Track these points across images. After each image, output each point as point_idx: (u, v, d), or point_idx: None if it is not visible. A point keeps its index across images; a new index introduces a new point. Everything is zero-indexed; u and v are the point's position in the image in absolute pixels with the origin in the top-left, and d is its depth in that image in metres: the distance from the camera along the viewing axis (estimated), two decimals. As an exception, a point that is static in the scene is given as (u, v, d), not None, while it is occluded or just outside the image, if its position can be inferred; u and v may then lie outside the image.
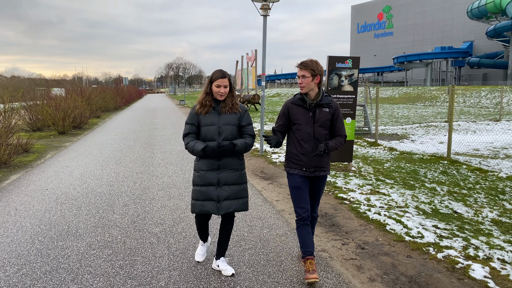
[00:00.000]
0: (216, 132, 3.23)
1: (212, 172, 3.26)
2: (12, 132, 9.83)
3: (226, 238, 3.45)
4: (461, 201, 5.59)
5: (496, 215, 4.99)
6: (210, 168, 3.26)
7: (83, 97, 19.92)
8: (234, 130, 3.28)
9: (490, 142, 11.50)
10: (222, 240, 3.46)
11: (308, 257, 3.34)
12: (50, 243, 4.13)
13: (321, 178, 3.46)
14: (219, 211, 3.26)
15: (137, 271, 3.51)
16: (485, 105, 28.56)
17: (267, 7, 9.08)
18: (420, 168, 7.85)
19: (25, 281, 3.33)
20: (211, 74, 3.28)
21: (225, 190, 3.27)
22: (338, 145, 3.35)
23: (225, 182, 3.27)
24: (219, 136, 3.23)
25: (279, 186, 6.63)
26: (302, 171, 3.36)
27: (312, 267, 3.27)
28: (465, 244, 4.09)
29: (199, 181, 3.29)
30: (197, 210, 3.30)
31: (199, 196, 3.28)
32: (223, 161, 3.26)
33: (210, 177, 3.26)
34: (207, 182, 3.26)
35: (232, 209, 3.30)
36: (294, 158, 3.38)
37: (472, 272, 3.49)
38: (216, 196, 3.26)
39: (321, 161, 3.38)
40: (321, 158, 3.35)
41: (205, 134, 3.26)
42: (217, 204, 3.27)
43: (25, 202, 5.62)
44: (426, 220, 4.78)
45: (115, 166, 8.12)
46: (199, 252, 3.70)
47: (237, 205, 3.33)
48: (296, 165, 3.38)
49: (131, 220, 4.84)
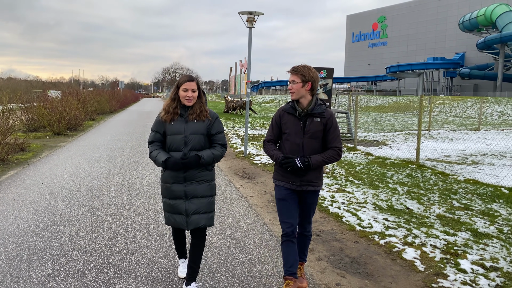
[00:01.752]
0: (182, 142, 3.01)
1: (178, 185, 3.05)
2: (9, 132, 10.38)
3: (197, 258, 3.13)
4: (416, 199, 6.23)
5: (442, 211, 5.62)
6: (176, 180, 3.05)
7: (78, 99, 20.46)
8: (202, 140, 3.06)
9: (463, 149, 12.20)
10: (192, 261, 3.12)
11: (287, 277, 3.10)
12: (45, 227, 4.70)
13: (311, 193, 3.20)
14: (187, 225, 3.06)
15: (119, 249, 4.10)
16: (470, 115, 29.41)
17: (252, 19, 9.75)
18: (389, 171, 8.50)
19: (23, 255, 3.90)
20: (178, 79, 3.13)
21: (194, 203, 3.05)
22: (329, 158, 3.08)
23: (193, 195, 3.05)
24: (185, 146, 3.01)
25: (256, 185, 7.24)
26: (288, 184, 3.15)
27: None
28: (406, 233, 4.71)
29: (166, 194, 3.12)
30: (171, 224, 3.14)
31: (169, 209, 3.12)
32: (189, 173, 3.03)
33: (176, 190, 3.06)
34: (174, 195, 3.07)
35: (202, 224, 3.08)
36: (282, 170, 3.18)
37: (404, 254, 4.11)
38: (184, 210, 3.05)
39: (309, 175, 3.12)
40: (307, 172, 3.11)
41: (170, 144, 3.06)
42: (186, 218, 3.06)
43: (22, 194, 6.18)
44: (379, 214, 5.41)
45: (106, 165, 8.70)
46: (181, 270, 3.48)
47: (206, 220, 3.10)
48: (283, 177, 3.17)
49: (118, 210, 5.43)
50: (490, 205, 6.00)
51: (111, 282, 3.40)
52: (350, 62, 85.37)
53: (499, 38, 48.83)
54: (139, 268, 3.69)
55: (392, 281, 3.58)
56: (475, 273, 3.70)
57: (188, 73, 48.58)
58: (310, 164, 3.04)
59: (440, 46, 67.56)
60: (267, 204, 5.99)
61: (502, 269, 3.78)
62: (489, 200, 6.28)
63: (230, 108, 28.39)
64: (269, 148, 3.25)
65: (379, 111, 36.79)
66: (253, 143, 12.69)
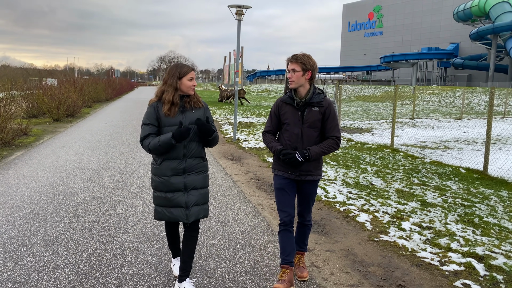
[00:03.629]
0: None
1: (177, 177, 2.97)
2: (12, 118, 11.06)
3: (190, 253, 3.08)
4: (381, 177, 7.03)
5: (401, 187, 6.42)
6: (175, 172, 2.96)
7: (76, 87, 21.05)
8: None
9: (440, 136, 13.01)
10: (186, 255, 3.06)
11: (284, 265, 3.13)
12: (53, 196, 5.46)
13: (309, 182, 3.19)
14: (188, 218, 2.99)
15: (118, 213, 4.87)
16: (458, 104, 30.23)
17: (241, 12, 10.41)
18: (364, 154, 9.29)
19: (38, 216, 4.66)
20: (175, 68, 2.98)
21: (194, 195, 3.01)
22: (327, 149, 3.08)
23: (193, 186, 3.01)
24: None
25: (241, 165, 8.00)
26: (287, 174, 3.15)
27: (284, 277, 3.09)
28: (364, 203, 5.50)
29: (163, 188, 2.98)
30: (166, 219, 3.02)
31: (166, 203, 2.99)
32: (189, 163, 2.98)
33: (175, 182, 2.96)
34: (173, 188, 2.96)
35: (201, 215, 3.06)
36: (279, 159, 3.16)
37: (358, 218, 4.90)
38: (184, 202, 2.97)
39: (308, 165, 3.11)
40: (307, 163, 3.09)
41: None
42: (185, 210, 2.98)
43: (30, 171, 6.92)
44: (345, 188, 6.20)
45: (105, 147, 9.43)
46: (178, 268, 3.26)
47: (204, 211, 3.10)
48: (282, 167, 3.16)
49: (116, 184, 6.19)
50: (446, 182, 6.80)
51: (113, 235, 4.17)
52: (346, 51, 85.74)
53: (492, 29, 49.47)
54: (135, 226, 4.46)
55: (343, 236, 4.37)
56: (412, 231, 4.50)
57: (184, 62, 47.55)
58: (310, 157, 3.03)
59: (435, 36, 68.07)
60: (249, 181, 6.77)
61: (435, 228, 4.59)
62: (446, 178, 7.08)
63: (224, 97, 29.02)
64: (268, 139, 3.22)
65: (371, 100, 37.57)
66: (243, 130, 13.44)
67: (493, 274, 3.50)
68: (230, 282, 3.29)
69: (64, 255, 3.67)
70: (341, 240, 4.27)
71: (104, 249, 3.82)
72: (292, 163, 3.07)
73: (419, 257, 3.85)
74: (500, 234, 4.45)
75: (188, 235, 3.09)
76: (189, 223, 3.03)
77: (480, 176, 7.19)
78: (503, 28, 48.03)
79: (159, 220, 3.07)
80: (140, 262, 3.60)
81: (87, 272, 3.37)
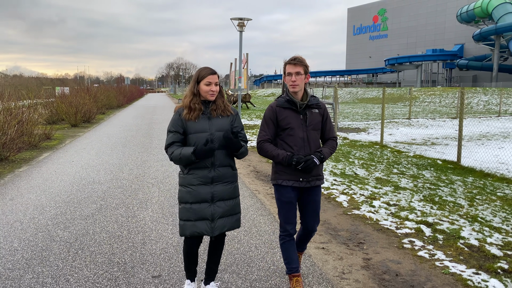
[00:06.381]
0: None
1: (205, 187, 2.86)
2: (36, 124, 12.24)
3: (217, 260, 3.09)
4: (365, 168, 7.98)
5: (381, 175, 7.37)
6: (203, 182, 2.86)
7: (90, 95, 22.32)
8: None
9: (431, 134, 13.88)
10: (211, 262, 3.09)
11: (295, 274, 3.15)
12: (83, 186, 6.53)
13: (316, 188, 3.13)
14: (213, 231, 2.88)
15: (139, 197, 5.91)
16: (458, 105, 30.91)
17: (243, 24, 11.49)
18: (355, 150, 10.24)
19: (73, 200, 5.73)
20: (196, 72, 2.93)
21: (220, 207, 2.89)
22: (332, 149, 3.12)
23: (220, 198, 2.89)
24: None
25: (243, 160, 9.00)
26: (297, 182, 3.01)
27: (298, 285, 3.10)
28: (345, 188, 6.47)
29: (189, 198, 2.87)
30: (187, 233, 2.87)
31: (190, 216, 2.86)
32: (217, 173, 2.87)
33: (203, 192, 2.86)
34: (200, 198, 2.86)
35: (226, 228, 2.93)
36: (289, 168, 3.00)
37: (337, 199, 5.87)
38: (210, 215, 2.86)
39: (317, 169, 3.07)
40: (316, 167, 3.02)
41: (195, 143, 2.84)
42: (211, 223, 2.87)
43: (59, 168, 8.01)
44: (331, 177, 7.17)
45: (122, 148, 10.53)
46: None
47: (231, 223, 2.96)
48: (290, 175, 3.01)
49: (135, 176, 7.25)
50: (422, 171, 7.73)
51: (136, 212, 5.21)
52: (352, 54, 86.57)
53: (494, 30, 49.98)
54: (154, 206, 5.49)
55: (322, 212, 5.34)
56: (380, 207, 5.46)
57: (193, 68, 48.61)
58: (325, 158, 3.02)
59: (440, 38, 68.64)
60: (249, 173, 7.76)
61: (400, 205, 5.54)
62: (423, 168, 8.01)
63: (230, 102, 30.13)
64: (269, 148, 3.04)
65: (374, 102, 38.38)
66: (247, 131, 14.46)
67: (436, 235, 4.45)
68: (228, 240, 4.28)
69: (100, 225, 4.72)
70: (320, 215, 5.24)
71: (130, 221, 4.86)
72: (308, 168, 2.96)
73: (381, 224, 4.82)
74: (453, 208, 5.39)
75: (215, 246, 3.06)
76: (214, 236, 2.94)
77: (454, 166, 8.10)
78: (505, 29, 48.53)
79: (183, 236, 2.93)
80: (159, 229, 4.62)
81: (119, 235, 4.41)
